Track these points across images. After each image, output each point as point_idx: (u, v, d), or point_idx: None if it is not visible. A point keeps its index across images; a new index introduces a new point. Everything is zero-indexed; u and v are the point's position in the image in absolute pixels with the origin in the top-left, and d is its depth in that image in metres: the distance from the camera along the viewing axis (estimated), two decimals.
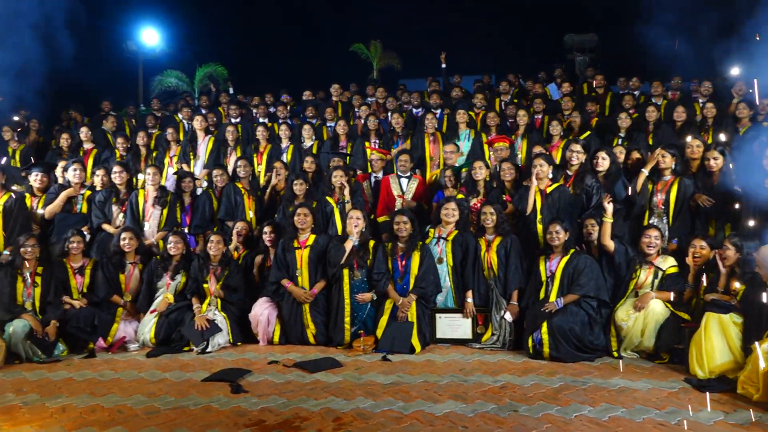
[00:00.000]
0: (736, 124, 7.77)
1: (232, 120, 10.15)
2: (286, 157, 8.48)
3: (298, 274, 6.11)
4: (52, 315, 5.80)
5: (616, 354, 5.36)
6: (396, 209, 6.70)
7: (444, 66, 12.04)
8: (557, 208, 6.11)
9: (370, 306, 6.01)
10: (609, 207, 5.70)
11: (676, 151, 6.35)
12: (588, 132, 8.15)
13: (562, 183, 6.34)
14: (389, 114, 9.52)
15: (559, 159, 7.22)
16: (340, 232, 6.63)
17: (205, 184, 7.99)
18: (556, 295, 5.52)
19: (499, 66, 12.80)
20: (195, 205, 7.44)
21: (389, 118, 9.11)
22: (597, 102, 9.42)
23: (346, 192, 6.84)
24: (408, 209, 6.50)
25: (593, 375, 4.81)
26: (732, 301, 4.79)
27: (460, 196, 6.70)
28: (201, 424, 3.88)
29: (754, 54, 5.52)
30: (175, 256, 6.42)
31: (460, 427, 3.75)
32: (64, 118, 11.48)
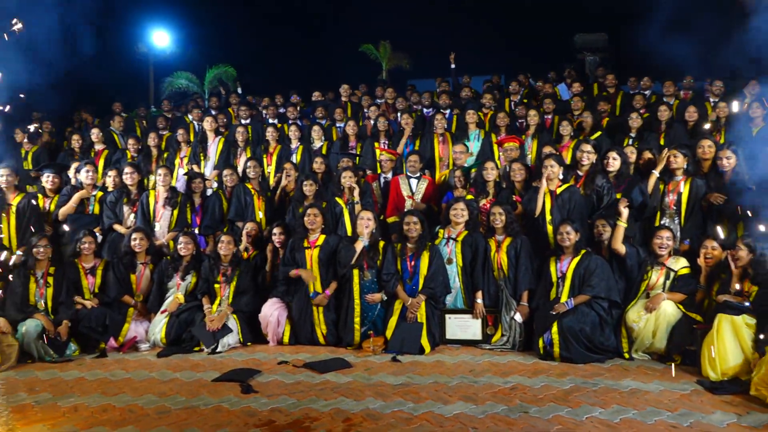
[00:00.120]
0: (749, 124, 7.69)
1: (242, 121, 10.19)
2: (295, 158, 8.50)
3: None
4: (64, 315, 5.85)
5: (627, 355, 5.32)
6: (405, 210, 6.70)
7: (453, 66, 12.04)
8: (567, 209, 6.08)
9: (380, 306, 6.01)
10: (625, 212, 5.65)
11: (688, 151, 6.30)
12: (599, 132, 8.10)
13: (573, 183, 6.31)
14: (399, 114, 9.52)
15: (569, 159, 7.19)
16: (349, 232, 6.63)
17: (215, 184, 8.03)
18: (566, 296, 5.49)
19: (509, 66, 12.76)
20: (205, 205, 7.47)
21: (399, 118, 9.11)
22: (608, 102, 9.37)
23: (355, 193, 6.84)
24: (417, 210, 6.49)
25: (604, 376, 4.78)
26: (745, 303, 4.75)
27: (470, 197, 6.69)
28: (211, 424, 3.90)
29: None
30: (186, 256, 6.45)
31: (470, 429, 3.74)
32: (75, 119, 11.57)
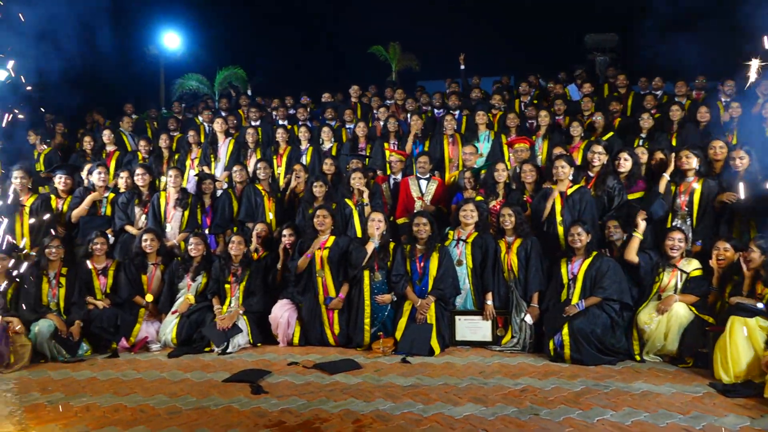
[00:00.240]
0: (762, 124, 7.62)
1: (252, 122, 10.22)
2: (305, 159, 8.51)
3: (319, 275, 6.14)
4: (76, 315, 5.90)
5: (638, 357, 5.29)
6: (415, 211, 6.70)
7: (463, 67, 12.02)
8: (578, 210, 6.05)
9: (390, 307, 6.01)
10: (642, 224, 5.61)
11: (700, 152, 6.25)
12: (611, 133, 8.04)
13: (583, 185, 6.28)
14: (408, 115, 9.52)
15: (580, 160, 7.15)
16: (359, 234, 6.64)
17: (225, 186, 8.06)
18: (577, 297, 5.46)
19: (519, 67, 12.73)
20: (215, 205, 7.50)
21: (408, 119, 9.10)
22: (620, 102, 9.31)
23: (365, 195, 6.85)
24: (427, 211, 6.49)
25: (615, 378, 4.75)
26: (758, 305, 4.70)
27: (479, 198, 6.68)
28: (222, 424, 3.91)
29: None
30: (196, 257, 6.48)
31: (480, 430, 3.73)
32: (87, 120, 11.64)
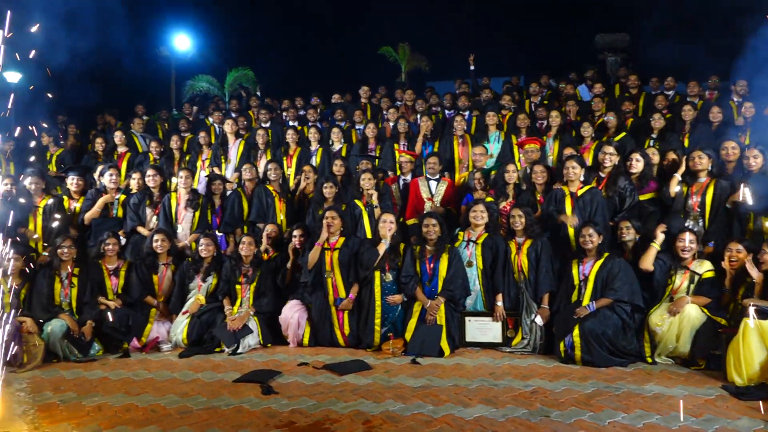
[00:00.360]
0: None
1: (262, 124, 10.26)
2: (315, 160, 8.53)
3: (328, 276, 6.15)
4: (88, 315, 5.95)
5: (650, 359, 5.25)
6: (425, 212, 6.69)
7: (472, 68, 12.00)
8: (589, 211, 6.02)
9: (400, 308, 6.01)
10: (661, 237, 5.57)
11: (712, 152, 6.20)
12: (623, 133, 7.99)
13: (594, 185, 6.25)
14: (418, 116, 9.52)
15: (590, 161, 7.11)
16: (368, 235, 6.64)
17: (235, 186, 8.09)
18: (588, 299, 5.44)
19: (529, 68, 12.69)
20: (224, 204, 7.53)
21: (418, 120, 9.10)
22: (633, 102, 9.25)
23: (374, 198, 6.84)
24: (436, 212, 6.48)
25: (627, 380, 4.72)
26: None
27: (489, 199, 6.66)
28: (233, 424, 3.92)
29: None
30: (207, 258, 6.51)
31: None
32: (99, 122, 11.74)
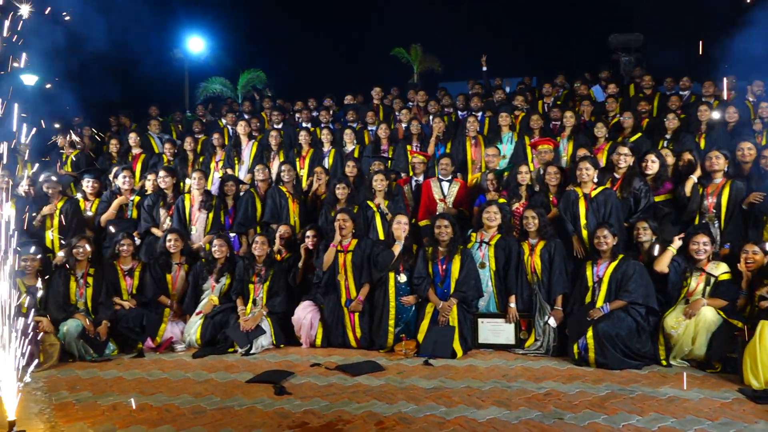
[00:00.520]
0: None
1: (274, 125, 10.29)
2: (327, 162, 8.55)
3: (341, 278, 6.16)
4: (103, 315, 6.01)
5: (664, 362, 5.20)
6: (437, 213, 6.68)
7: (485, 69, 11.97)
8: (603, 213, 5.98)
9: (413, 309, 6.01)
10: (678, 243, 5.52)
11: (728, 153, 6.14)
12: (639, 134, 7.92)
13: (608, 186, 6.20)
14: (430, 117, 9.51)
15: (604, 162, 7.06)
16: (381, 236, 6.64)
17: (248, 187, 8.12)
18: (602, 300, 5.40)
19: (541, 68, 12.65)
20: (237, 206, 7.56)
21: (431, 121, 9.10)
22: (649, 102, 9.17)
23: (383, 205, 6.82)
24: (449, 213, 6.47)
25: (641, 383, 4.68)
26: None
27: (502, 200, 6.64)
28: (246, 424, 3.94)
29: None
30: (220, 258, 6.55)
31: None
32: (113, 123, 11.84)
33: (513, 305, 5.90)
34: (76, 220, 6.99)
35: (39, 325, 5.53)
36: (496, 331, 5.91)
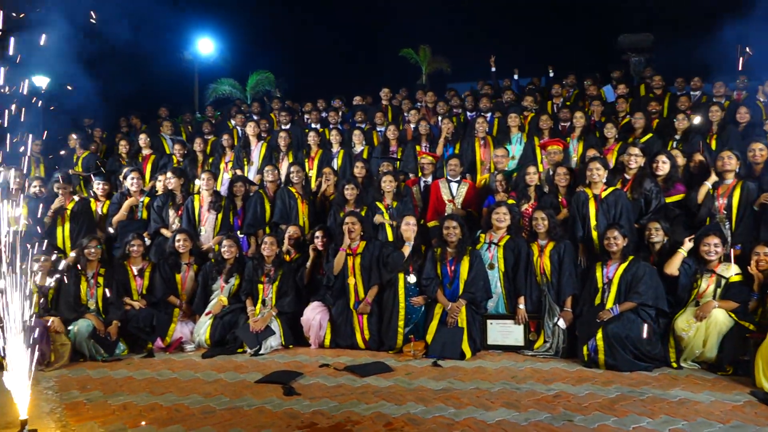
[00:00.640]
0: None
1: (283, 126, 10.32)
2: (336, 163, 8.56)
3: (351, 281, 6.17)
4: (113, 315, 6.04)
5: (675, 364, 5.16)
6: (446, 214, 6.67)
7: (493, 69, 11.96)
8: (613, 214, 5.95)
9: (422, 310, 6.00)
10: (689, 245, 5.49)
11: (740, 153, 6.09)
12: (650, 134, 7.87)
13: (619, 187, 6.17)
14: (439, 118, 9.50)
15: (614, 162, 7.03)
16: (390, 237, 6.64)
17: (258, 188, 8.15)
18: (612, 302, 5.37)
19: (552, 68, 12.56)
20: (246, 207, 7.59)
21: (439, 122, 9.09)
22: (659, 102, 9.12)
23: (385, 217, 6.82)
24: (457, 214, 6.46)
25: (651, 385, 4.65)
26: None
27: (511, 202, 6.62)
28: (255, 425, 3.95)
29: None
30: (229, 259, 6.58)
31: None
32: (123, 124, 11.91)
33: (522, 306, 5.88)
34: (87, 220, 7.04)
35: (50, 325, 5.58)
36: (505, 332, 5.89)
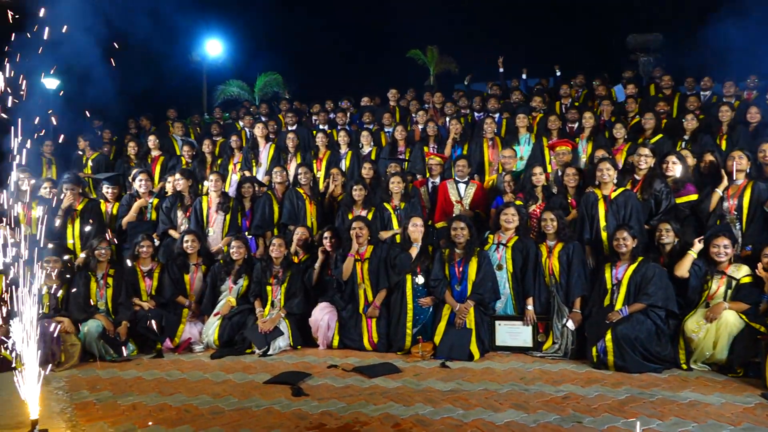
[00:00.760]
0: None
1: (290, 127, 10.34)
2: (344, 164, 8.57)
3: (361, 287, 6.18)
4: (123, 316, 6.08)
5: (684, 366, 5.13)
6: (454, 215, 6.66)
7: (501, 70, 11.94)
8: (623, 215, 5.92)
9: (430, 311, 6.00)
10: (699, 246, 5.45)
11: (750, 154, 6.04)
12: (660, 135, 7.83)
13: (629, 188, 6.13)
14: (447, 119, 9.50)
15: (623, 162, 6.99)
16: (398, 238, 6.64)
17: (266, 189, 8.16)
18: (621, 303, 5.34)
19: (560, 68, 12.54)
20: (254, 207, 7.61)
21: (447, 123, 9.08)
22: (668, 102, 9.06)
23: (387, 234, 6.81)
24: (465, 215, 6.45)
25: (661, 387, 4.62)
26: None
27: (519, 202, 6.60)
28: (263, 425, 3.96)
29: None
30: (238, 260, 6.60)
31: None
32: (132, 126, 11.98)
33: (530, 307, 5.86)
34: (97, 221, 7.09)
35: (60, 325, 5.61)
36: (513, 333, 5.88)
